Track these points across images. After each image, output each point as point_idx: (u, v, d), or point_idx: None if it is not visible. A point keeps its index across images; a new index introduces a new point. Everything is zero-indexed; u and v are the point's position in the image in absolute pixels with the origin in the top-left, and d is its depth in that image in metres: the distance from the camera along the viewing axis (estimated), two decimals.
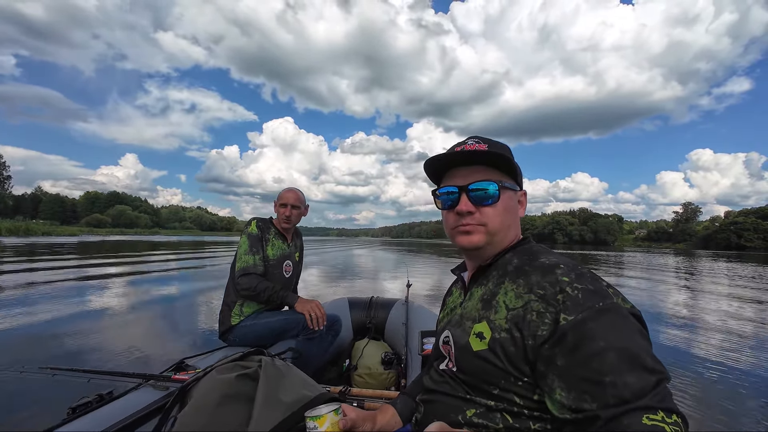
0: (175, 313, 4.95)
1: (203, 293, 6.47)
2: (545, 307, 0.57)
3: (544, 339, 0.55)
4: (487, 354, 0.61)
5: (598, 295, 0.55)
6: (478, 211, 0.70)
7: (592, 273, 0.61)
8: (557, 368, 0.53)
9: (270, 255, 1.92)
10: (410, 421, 0.83)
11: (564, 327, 0.53)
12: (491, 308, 0.65)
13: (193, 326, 4.27)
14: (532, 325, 0.57)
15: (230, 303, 1.86)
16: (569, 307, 0.54)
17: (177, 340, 3.69)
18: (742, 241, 77.40)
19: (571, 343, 0.52)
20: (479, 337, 0.64)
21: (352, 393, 1.24)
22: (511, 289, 0.64)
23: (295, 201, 1.97)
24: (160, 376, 1.24)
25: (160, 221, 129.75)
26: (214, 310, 4.97)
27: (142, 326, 4.17)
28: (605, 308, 0.54)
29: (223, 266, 11.20)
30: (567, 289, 0.57)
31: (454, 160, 0.73)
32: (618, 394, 0.48)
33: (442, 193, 0.75)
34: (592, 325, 0.52)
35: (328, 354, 2.07)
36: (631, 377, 0.48)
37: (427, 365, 0.87)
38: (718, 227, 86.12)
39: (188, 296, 6.13)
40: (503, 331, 0.60)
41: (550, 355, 0.54)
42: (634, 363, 0.49)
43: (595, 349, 0.50)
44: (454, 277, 0.89)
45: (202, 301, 5.81)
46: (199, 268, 10.85)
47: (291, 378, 0.91)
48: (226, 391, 0.85)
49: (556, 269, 0.60)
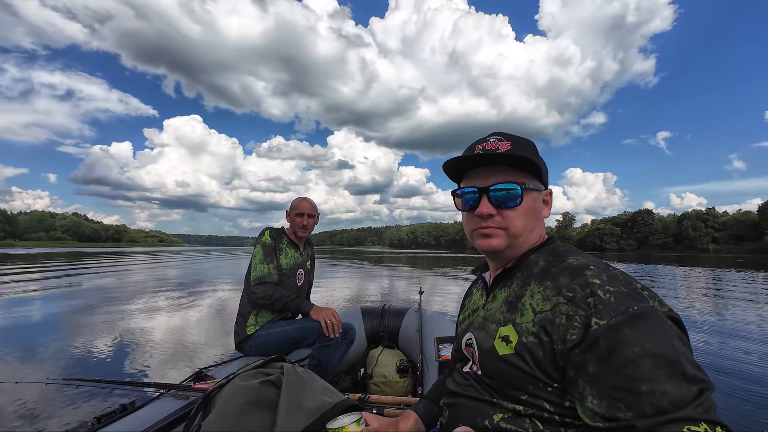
0: (189, 325, 5.00)
1: (216, 305, 6.54)
2: (575, 310, 0.54)
3: (574, 343, 0.52)
4: (513, 359, 0.59)
5: (632, 298, 0.52)
6: (500, 213, 0.67)
7: (626, 274, 0.58)
8: (589, 375, 0.51)
9: (283, 264, 1.94)
10: (433, 426, 0.82)
11: (596, 332, 0.51)
12: (517, 311, 0.62)
13: (208, 338, 4.31)
14: (561, 329, 0.54)
15: (245, 313, 1.88)
16: (601, 311, 0.52)
17: (193, 352, 3.73)
18: (603, 244, 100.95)
19: (603, 350, 0.50)
20: (505, 341, 0.61)
21: (371, 400, 1.25)
22: (538, 292, 0.61)
23: (311, 210, 2.00)
24: (180, 386, 1.26)
25: (17, 231, 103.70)
26: (227, 321, 5.01)
27: (158, 339, 4.23)
28: (640, 312, 0.51)
29: None
30: (599, 291, 0.54)
31: (475, 160, 0.70)
32: (656, 403, 0.45)
33: (461, 194, 0.72)
34: (626, 330, 0.49)
35: (343, 363, 2.06)
36: (670, 386, 0.45)
37: (449, 368, 0.85)
38: (587, 233, 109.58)
39: (201, 308, 6.21)
40: (531, 335, 0.58)
41: (580, 361, 0.52)
42: (673, 370, 0.46)
43: (630, 355, 0.48)
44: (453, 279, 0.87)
45: (216, 312, 5.87)
46: None
47: (312, 384, 0.91)
48: (249, 397, 0.85)
49: (586, 270, 0.58)
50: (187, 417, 0.94)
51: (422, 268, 17.82)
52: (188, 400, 1.19)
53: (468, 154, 0.72)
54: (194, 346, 3.95)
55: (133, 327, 4.76)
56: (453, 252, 77.90)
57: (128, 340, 4.10)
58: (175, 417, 1.08)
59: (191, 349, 3.82)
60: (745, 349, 3.98)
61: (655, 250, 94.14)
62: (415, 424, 0.81)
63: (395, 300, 7.01)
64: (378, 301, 5.49)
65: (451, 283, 10.42)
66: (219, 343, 4.02)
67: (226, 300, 7.15)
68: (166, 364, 3.29)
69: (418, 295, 2.96)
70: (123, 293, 8.06)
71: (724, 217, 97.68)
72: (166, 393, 1.24)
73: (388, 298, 7.46)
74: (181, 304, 6.62)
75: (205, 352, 3.68)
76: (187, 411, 1.10)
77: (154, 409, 1.13)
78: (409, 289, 9.32)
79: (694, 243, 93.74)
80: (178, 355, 3.60)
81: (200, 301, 6.89)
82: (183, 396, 1.21)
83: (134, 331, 4.55)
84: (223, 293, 8.20)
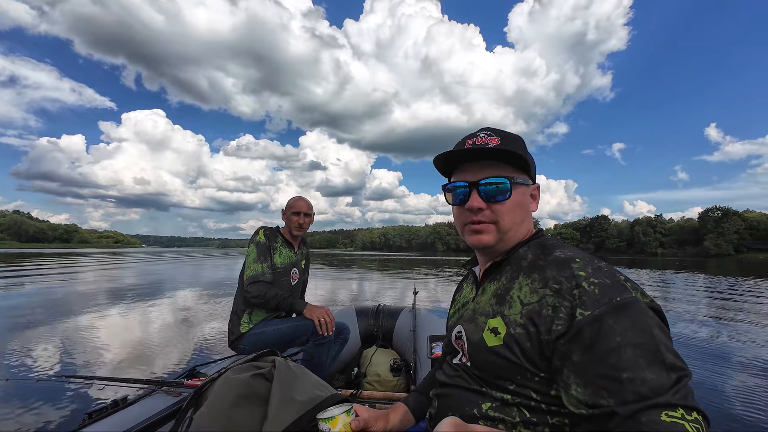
0: (183, 324, 4.96)
1: (211, 304, 6.51)
2: (560, 301, 0.56)
3: (560, 334, 0.54)
4: (501, 349, 0.60)
5: (615, 289, 0.54)
6: (489, 207, 0.69)
7: (610, 266, 0.59)
8: (573, 364, 0.52)
9: (278, 263, 1.94)
10: (423, 418, 0.83)
11: (580, 322, 0.52)
12: (505, 303, 0.64)
13: (201, 336, 4.28)
14: (547, 320, 0.56)
15: (239, 312, 1.88)
16: (585, 302, 0.53)
17: (187, 351, 3.70)
18: None
19: (587, 339, 0.51)
20: (494, 333, 0.63)
21: (363, 396, 1.27)
22: (526, 284, 0.63)
23: (307, 209, 2.02)
24: (173, 383, 1.25)
25: None
26: (218, 319, 5.03)
27: (152, 337, 4.18)
28: (623, 303, 0.52)
29: None
30: (583, 283, 0.55)
31: (465, 155, 0.72)
32: (636, 390, 0.47)
33: (452, 188, 0.73)
34: (608, 320, 0.51)
35: (337, 362, 2.07)
36: (650, 373, 0.47)
37: (438, 361, 0.86)
38: None
39: (194, 308, 6.16)
40: (518, 326, 0.59)
41: (565, 350, 0.53)
42: (653, 359, 0.48)
43: (612, 345, 0.49)
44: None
45: (210, 311, 5.84)
46: None
47: (304, 379, 0.92)
48: (241, 390, 0.86)
49: (572, 263, 0.59)
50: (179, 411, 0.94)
51: (393, 269, 18.00)
52: (180, 396, 1.18)
53: (458, 148, 0.73)
54: (187, 344, 3.92)
55: (123, 325, 4.71)
56: (424, 255, 79.01)
57: (121, 339, 4.05)
58: (167, 413, 1.07)
59: (184, 348, 3.78)
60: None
61: (610, 253, 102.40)
62: (404, 415, 0.83)
63: (387, 299, 7.07)
64: (373, 301, 5.53)
65: (441, 282, 10.53)
66: (212, 342, 4.00)
67: (216, 300, 7.10)
68: (158, 362, 3.26)
69: (412, 295, 2.95)
70: (101, 293, 7.90)
71: (670, 223, 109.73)
72: (158, 389, 1.23)
73: (380, 298, 7.47)
74: (171, 303, 6.56)
75: (198, 351, 3.66)
76: (179, 407, 1.09)
77: (145, 406, 1.12)
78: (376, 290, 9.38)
79: (644, 247, 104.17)
80: (170, 353, 3.56)
81: (190, 302, 6.84)
82: (175, 392, 1.21)
83: (125, 330, 4.49)
84: (213, 293, 8.14)
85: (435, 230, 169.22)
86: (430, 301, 6.97)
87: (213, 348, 3.78)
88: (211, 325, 4.93)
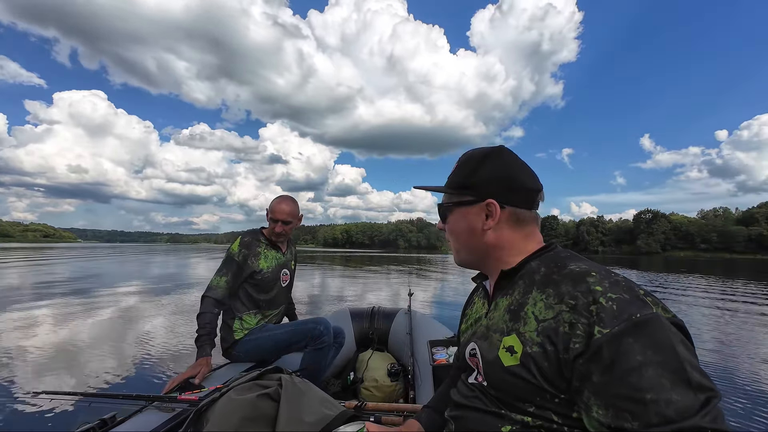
0: (169, 332, 4.54)
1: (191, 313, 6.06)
2: (577, 318, 0.53)
3: (578, 353, 0.51)
4: (519, 370, 0.57)
5: (634, 305, 0.51)
6: (447, 230, 0.77)
7: (628, 280, 0.56)
8: (593, 385, 0.50)
9: (264, 267, 1.84)
10: None
11: (598, 341, 0.50)
12: (520, 320, 0.61)
13: (191, 345, 3.88)
14: (564, 338, 0.53)
15: (228, 319, 1.79)
16: (603, 319, 0.51)
17: (175, 360, 3.40)
18: None
19: (607, 359, 0.49)
20: (509, 352, 0.60)
21: (368, 407, 1.22)
22: (540, 300, 0.60)
23: (287, 217, 1.86)
24: (165, 397, 1.15)
25: None
26: None
27: (136, 346, 3.82)
28: (643, 320, 0.50)
29: None
30: (601, 299, 0.52)
31: None
32: (661, 412, 0.44)
33: None
34: (628, 338, 0.48)
35: (332, 366, 2.02)
36: (675, 394, 0.45)
37: (451, 376, 0.86)
38: None
39: (180, 314, 5.64)
40: (535, 344, 0.56)
41: (585, 370, 0.51)
42: (678, 378, 0.46)
43: (633, 364, 0.47)
44: None
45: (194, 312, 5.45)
46: None
47: (310, 396, 0.89)
48: (246, 413, 0.82)
49: (588, 277, 0.56)
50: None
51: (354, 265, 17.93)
52: (174, 412, 1.09)
53: None
54: (176, 353, 3.61)
55: (106, 334, 4.27)
56: (386, 251, 79.73)
57: (103, 349, 3.66)
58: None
59: (173, 357, 3.48)
60: None
61: None
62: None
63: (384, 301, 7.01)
64: (367, 302, 5.42)
65: (434, 282, 10.78)
66: None
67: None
68: (146, 374, 2.99)
69: (407, 297, 2.91)
70: None
71: (610, 224, 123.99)
72: (149, 405, 1.13)
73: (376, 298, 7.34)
74: (156, 307, 6.07)
75: (188, 360, 3.32)
76: (173, 425, 1.01)
77: (137, 423, 1.02)
78: None
79: (587, 245, 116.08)
80: (159, 363, 3.27)
81: (177, 306, 6.29)
82: (168, 408, 1.11)
83: (108, 338, 4.08)
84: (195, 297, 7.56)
85: (397, 227, 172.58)
86: (424, 303, 6.92)
87: None
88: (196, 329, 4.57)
